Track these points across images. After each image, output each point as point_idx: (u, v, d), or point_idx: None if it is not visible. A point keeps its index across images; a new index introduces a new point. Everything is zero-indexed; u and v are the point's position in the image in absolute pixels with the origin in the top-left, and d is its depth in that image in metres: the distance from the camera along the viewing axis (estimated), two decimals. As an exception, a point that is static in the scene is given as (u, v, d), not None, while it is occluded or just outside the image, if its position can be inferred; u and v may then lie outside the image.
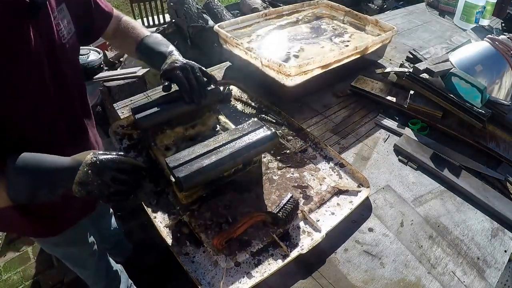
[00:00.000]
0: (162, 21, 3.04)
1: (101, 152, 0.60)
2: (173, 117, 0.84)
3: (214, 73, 1.15)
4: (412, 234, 0.77)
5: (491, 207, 0.82)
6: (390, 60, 1.47)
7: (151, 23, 3.00)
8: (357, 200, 0.80)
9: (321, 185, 0.84)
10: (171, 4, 2.67)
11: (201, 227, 0.72)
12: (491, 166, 0.95)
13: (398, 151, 0.99)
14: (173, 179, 0.68)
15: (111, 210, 1.35)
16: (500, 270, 0.71)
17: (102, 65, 2.33)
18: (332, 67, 1.16)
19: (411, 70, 1.13)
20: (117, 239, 1.44)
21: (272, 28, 1.43)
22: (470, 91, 1.02)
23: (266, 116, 1.04)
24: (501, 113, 1.06)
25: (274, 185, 0.83)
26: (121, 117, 1.06)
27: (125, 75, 1.95)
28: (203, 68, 0.83)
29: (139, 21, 2.64)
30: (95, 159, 0.58)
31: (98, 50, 2.39)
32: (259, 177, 0.84)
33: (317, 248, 0.70)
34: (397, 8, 2.71)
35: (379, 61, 1.44)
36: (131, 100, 1.17)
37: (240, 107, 1.10)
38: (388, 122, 1.09)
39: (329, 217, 0.76)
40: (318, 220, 0.75)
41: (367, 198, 0.82)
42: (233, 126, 0.87)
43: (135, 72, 1.98)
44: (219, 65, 1.39)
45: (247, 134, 0.75)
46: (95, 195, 0.58)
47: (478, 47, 1.17)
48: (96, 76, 2.09)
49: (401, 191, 0.88)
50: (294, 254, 0.68)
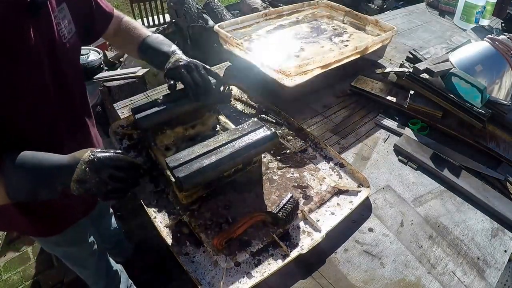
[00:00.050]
0: (162, 21, 3.04)
1: (98, 150, 0.60)
2: (173, 117, 0.84)
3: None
4: (412, 234, 0.77)
5: (491, 207, 0.82)
6: (390, 60, 1.47)
7: (151, 23, 3.00)
8: (357, 200, 0.80)
9: (321, 185, 0.84)
10: (171, 4, 2.67)
11: (201, 227, 0.72)
12: (491, 166, 0.95)
13: (398, 151, 0.99)
14: (173, 179, 0.68)
15: (111, 210, 1.35)
16: (500, 270, 0.71)
17: (102, 65, 2.33)
18: (332, 67, 1.16)
19: (411, 70, 1.13)
20: (117, 239, 1.44)
21: (272, 28, 1.43)
22: (470, 91, 1.02)
23: (266, 116, 1.04)
24: (501, 113, 1.06)
25: (274, 185, 0.83)
26: (121, 117, 1.06)
27: (125, 75, 1.95)
28: (207, 66, 0.83)
29: (139, 21, 2.64)
30: (92, 156, 0.58)
31: (98, 50, 2.39)
32: (259, 177, 0.84)
33: (317, 248, 0.70)
34: (397, 8, 2.70)
35: (379, 61, 1.44)
36: (131, 100, 1.17)
37: (240, 107, 1.10)
38: (388, 122, 1.09)
39: (329, 217, 0.76)
40: (318, 220, 0.75)
41: (367, 198, 0.82)
42: (233, 126, 0.87)
43: (135, 72, 1.98)
44: (219, 65, 1.39)
45: (247, 134, 0.75)
46: (93, 193, 0.58)
47: (478, 47, 1.17)
48: (96, 76, 2.09)
49: (401, 191, 0.88)
50: (294, 254, 0.68)
